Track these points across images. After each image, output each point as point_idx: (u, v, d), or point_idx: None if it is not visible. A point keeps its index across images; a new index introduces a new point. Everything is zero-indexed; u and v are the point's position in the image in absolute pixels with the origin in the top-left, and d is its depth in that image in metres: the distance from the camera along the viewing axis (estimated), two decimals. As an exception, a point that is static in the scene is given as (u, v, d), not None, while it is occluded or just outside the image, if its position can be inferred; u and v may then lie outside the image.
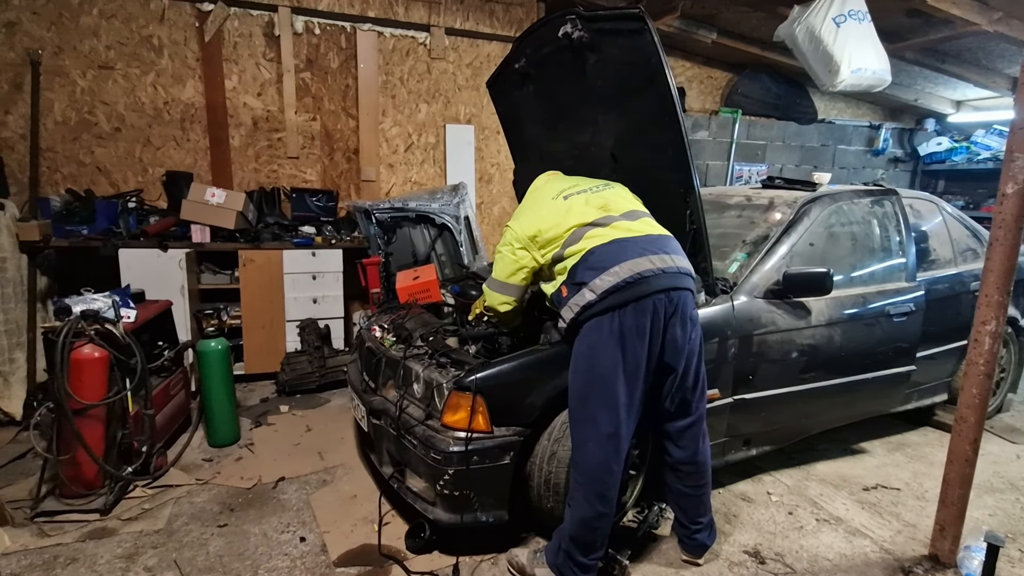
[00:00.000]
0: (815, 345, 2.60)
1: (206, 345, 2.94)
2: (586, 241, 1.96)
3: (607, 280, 1.86)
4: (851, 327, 2.69)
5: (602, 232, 1.97)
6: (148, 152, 4.09)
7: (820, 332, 2.61)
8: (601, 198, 2.09)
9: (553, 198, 2.10)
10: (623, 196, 2.18)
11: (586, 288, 1.89)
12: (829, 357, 2.66)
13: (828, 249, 2.75)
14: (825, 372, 2.67)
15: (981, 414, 2.00)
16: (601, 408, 1.86)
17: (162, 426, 2.85)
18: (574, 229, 1.99)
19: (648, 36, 2.09)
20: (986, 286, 1.95)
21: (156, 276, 3.53)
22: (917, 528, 2.43)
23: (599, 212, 2.03)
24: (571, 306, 1.94)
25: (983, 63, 5.10)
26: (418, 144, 4.81)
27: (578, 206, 2.05)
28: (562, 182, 2.24)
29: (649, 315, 1.85)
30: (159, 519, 2.38)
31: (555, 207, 2.07)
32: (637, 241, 1.95)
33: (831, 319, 2.63)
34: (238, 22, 4.13)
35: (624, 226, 1.99)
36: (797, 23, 3.74)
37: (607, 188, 2.17)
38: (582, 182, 2.21)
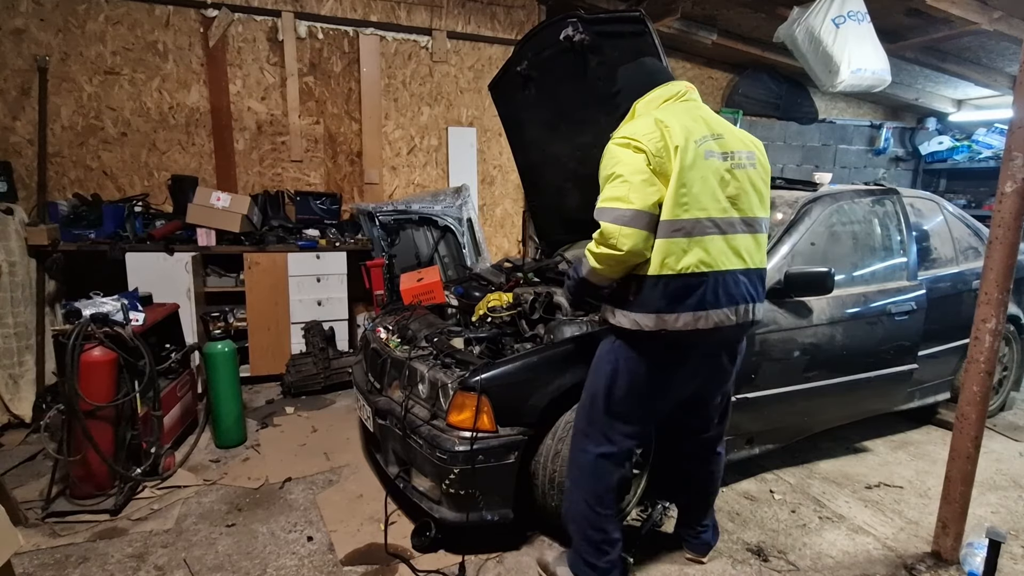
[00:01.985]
0: (817, 344, 2.62)
1: (213, 347, 2.97)
2: (691, 254, 1.62)
3: (682, 321, 1.64)
4: (853, 326, 2.70)
5: (711, 247, 1.64)
6: (154, 156, 4.12)
7: (822, 331, 2.62)
8: (741, 180, 1.69)
9: (696, 143, 1.64)
10: (759, 187, 1.76)
11: (649, 315, 1.66)
12: (831, 356, 2.67)
13: (829, 248, 2.76)
14: (827, 371, 2.69)
15: (982, 411, 2.02)
16: (609, 427, 1.81)
17: (170, 427, 2.88)
18: (693, 219, 1.62)
19: (649, 38, 2.11)
20: (986, 284, 1.97)
21: (163, 279, 3.56)
22: (920, 525, 2.44)
23: (725, 205, 1.67)
24: (624, 314, 1.72)
25: (984, 62, 5.11)
26: (420, 147, 4.84)
27: (711, 179, 1.65)
28: (700, 122, 1.70)
29: (704, 361, 1.79)
30: (168, 519, 2.41)
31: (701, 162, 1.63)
32: (738, 280, 1.70)
33: (833, 318, 2.64)
34: (242, 27, 4.17)
35: (737, 246, 1.69)
36: (797, 24, 3.76)
37: (749, 161, 1.73)
38: (726, 132, 1.73)
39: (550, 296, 2.69)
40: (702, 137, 1.66)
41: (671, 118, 1.66)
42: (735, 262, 1.70)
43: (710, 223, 1.65)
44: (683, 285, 1.64)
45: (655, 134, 1.63)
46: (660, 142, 1.62)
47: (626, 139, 1.66)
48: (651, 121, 1.66)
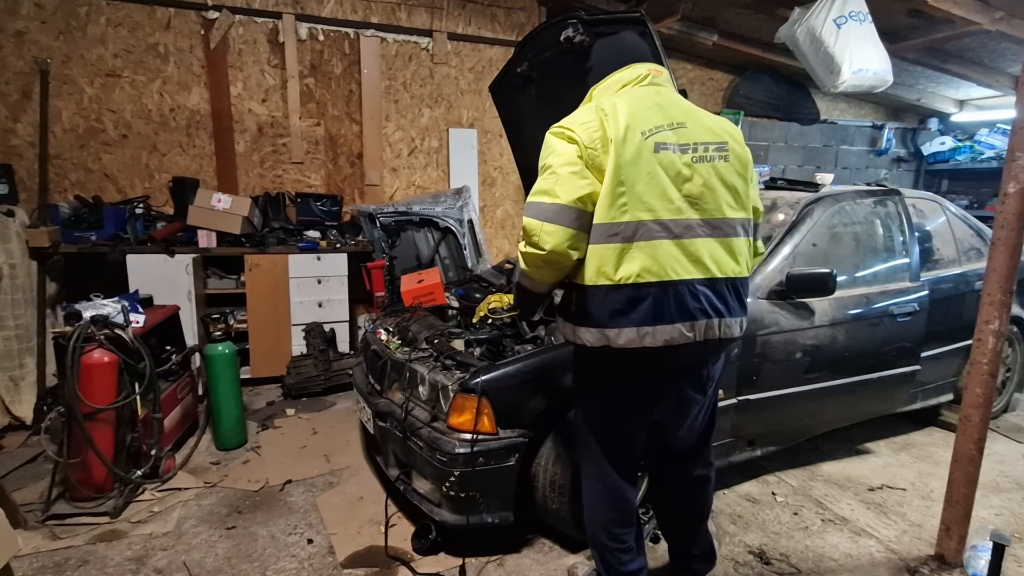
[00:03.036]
0: (819, 345, 2.61)
1: (213, 349, 2.97)
2: (632, 262, 1.43)
3: (624, 338, 1.45)
4: (855, 327, 2.69)
5: (658, 253, 1.43)
6: (155, 158, 4.13)
7: (824, 332, 2.61)
8: (705, 175, 1.47)
9: (643, 135, 1.44)
10: (732, 182, 1.52)
11: (591, 329, 1.48)
12: (833, 357, 2.66)
13: (831, 249, 2.76)
14: (829, 372, 2.68)
15: (986, 413, 2.01)
16: (595, 456, 1.67)
17: (170, 429, 2.88)
18: (635, 222, 1.43)
19: (649, 39, 2.10)
20: (989, 285, 1.95)
21: (163, 281, 3.56)
22: (923, 528, 2.43)
23: (680, 205, 1.45)
24: (571, 329, 1.56)
25: (985, 62, 5.10)
26: (421, 148, 4.84)
27: (661, 175, 1.44)
28: (656, 110, 1.50)
29: (662, 385, 1.58)
30: (168, 521, 2.40)
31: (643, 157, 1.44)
32: (697, 293, 1.46)
33: (835, 319, 2.63)
34: (243, 29, 4.17)
35: (698, 252, 1.46)
36: (798, 25, 3.75)
37: (719, 153, 1.50)
38: (691, 121, 1.51)
39: (551, 297, 2.68)
40: (654, 128, 1.45)
41: (620, 106, 1.47)
42: (692, 271, 1.46)
43: (657, 226, 1.43)
44: (624, 297, 1.43)
45: (593, 123, 1.46)
46: (597, 132, 1.44)
47: (561, 128, 1.51)
48: (593, 108, 1.50)
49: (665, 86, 1.62)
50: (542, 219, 1.44)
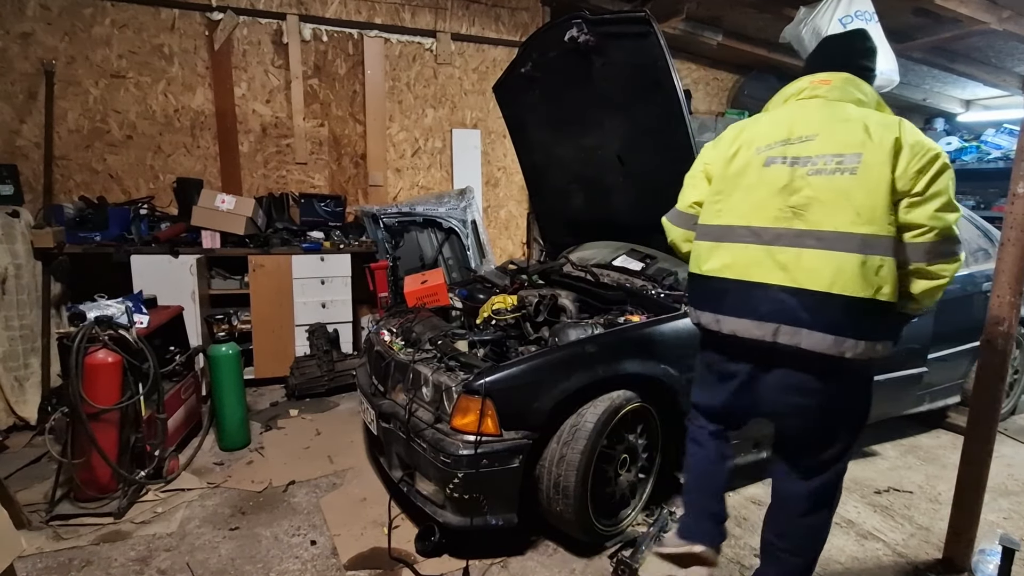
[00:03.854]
0: None
1: (217, 350, 2.97)
2: (715, 258, 1.60)
3: (704, 318, 1.65)
4: None
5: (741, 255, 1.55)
6: (159, 159, 4.14)
7: None
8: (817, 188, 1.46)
9: (757, 150, 1.58)
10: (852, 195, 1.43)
11: (689, 306, 1.77)
12: None
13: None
14: None
15: (994, 416, 1.99)
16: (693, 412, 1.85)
17: (174, 430, 2.88)
18: (726, 226, 1.59)
19: (654, 39, 2.10)
20: (998, 287, 1.94)
21: (167, 282, 3.57)
22: (931, 531, 2.40)
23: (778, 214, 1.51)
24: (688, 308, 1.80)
25: (993, 62, 5.06)
26: (425, 149, 4.84)
27: (761, 189, 1.54)
28: (784, 125, 1.57)
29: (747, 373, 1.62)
30: (172, 522, 2.40)
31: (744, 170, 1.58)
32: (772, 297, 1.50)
33: None
34: (247, 30, 4.18)
35: (784, 260, 1.48)
36: (803, 24, 3.73)
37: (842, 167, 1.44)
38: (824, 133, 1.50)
39: (555, 298, 2.68)
40: (771, 143, 1.56)
41: (752, 122, 1.67)
42: (775, 277, 1.50)
43: (747, 231, 1.55)
44: (707, 287, 1.65)
45: (725, 139, 1.68)
46: (715, 148, 1.69)
47: (706, 146, 1.76)
48: (731, 127, 1.71)
49: (822, 96, 1.60)
50: (666, 218, 1.84)
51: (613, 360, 2.18)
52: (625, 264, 2.98)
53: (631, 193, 2.79)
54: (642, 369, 2.21)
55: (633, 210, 2.85)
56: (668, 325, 2.32)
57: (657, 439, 2.37)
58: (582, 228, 3.40)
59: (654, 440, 2.37)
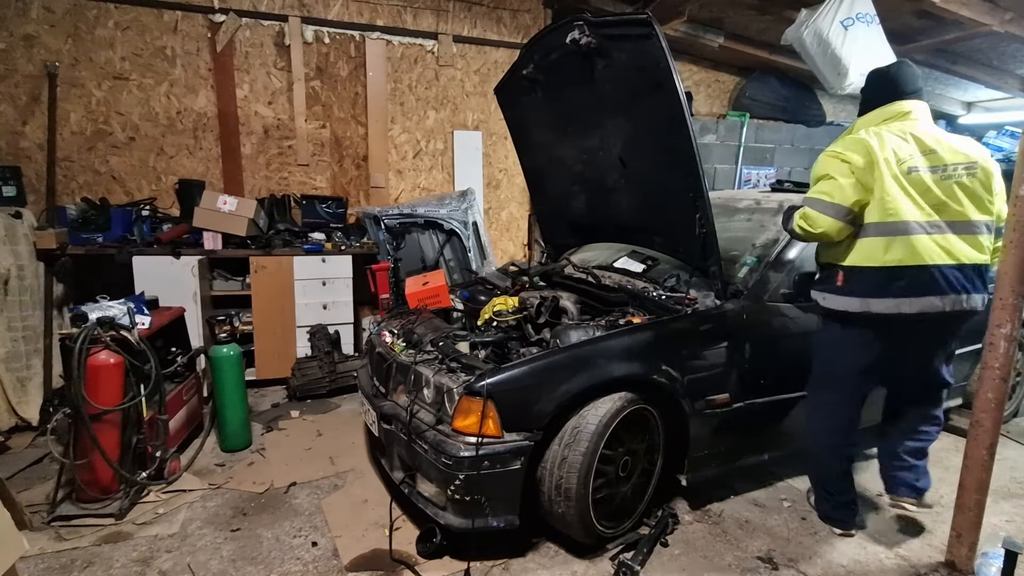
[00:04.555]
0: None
1: (218, 351, 2.97)
2: (894, 250, 1.97)
3: (884, 305, 2.01)
4: None
5: (917, 245, 1.97)
6: (161, 161, 4.15)
7: None
8: (950, 190, 1.99)
9: (899, 162, 2.00)
10: (977, 192, 2.03)
11: (855, 299, 2.05)
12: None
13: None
14: None
15: (997, 418, 1.99)
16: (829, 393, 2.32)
17: (176, 431, 2.88)
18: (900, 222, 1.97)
19: (656, 41, 2.10)
20: (1000, 289, 1.93)
21: (169, 283, 3.57)
22: (933, 534, 2.40)
23: (929, 211, 1.98)
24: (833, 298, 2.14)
25: (994, 64, 5.06)
26: (426, 150, 4.85)
27: (912, 191, 1.99)
28: (913, 141, 2.03)
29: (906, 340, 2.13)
30: (173, 523, 2.40)
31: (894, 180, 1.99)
32: (946, 274, 1.98)
33: None
34: (249, 32, 4.19)
35: (949, 245, 1.98)
36: (805, 26, 3.73)
37: (968, 171, 2.01)
38: (940, 147, 2.02)
39: (556, 300, 2.68)
40: (909, 155, 2.00)
41: (885, 138, 2.02)
42: (945, 258, 1.98)
43: (917, 225, 1.97)
44: (886, 276, 1.99)
45: (861, 151, 2.01)
46: (866, 158, 1.99)
47: (835, 154, 2.07)
48: (859, 141, 2.04)
49: (921, 119, 2.10)
50: (819, 211, 2.06)
51: (614, 362, 2.18)
52: (626, 266, 2.98)
53: (632, 195, 2.79)
54: (643, 371, 2.20)
55: (635, 212, 2.84)
56: (670, 327, 2.32)
57: (658, 441, 2.37)
58: (583, 230, 3.40)
59: (655, 442, 2.36)
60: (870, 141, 2.01)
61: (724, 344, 2.37)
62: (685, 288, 2.53)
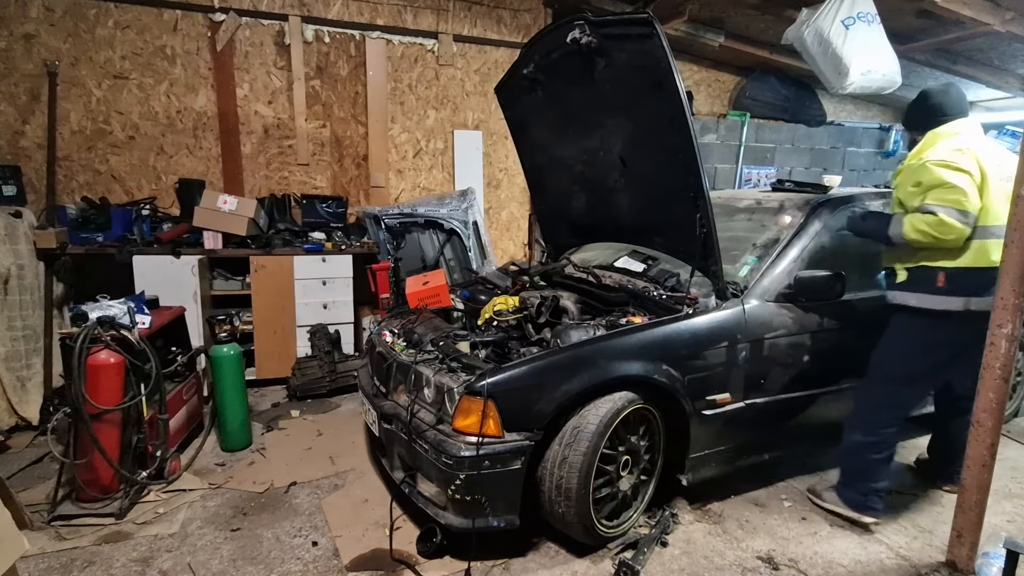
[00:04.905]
0: (828, 350, 2.58)
1: (219, 350, 2.97)
2: (996, 252, 2.07)
3: (985, 304, 2.07)
4: (866, 332, 2.64)
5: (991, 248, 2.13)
6: (161, 160, 4.15)
7: (832, 336, 2.58)
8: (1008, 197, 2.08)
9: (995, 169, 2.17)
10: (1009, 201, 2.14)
11: (959, 298, 2.18)
12: (843, 362, 2.63)
13: (838, 252, 2.70)
14: (840, 377, 2.65)
15: (998, 418, 1.98)
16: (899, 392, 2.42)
17: (176, 431, 2.88)
18: (1000, 226, 2.07)
19: (657, 40, 2.09)
20: (1001, 288, 1.93)
21: (169, 282, 3.57)
22: (933, 534, 2.40)
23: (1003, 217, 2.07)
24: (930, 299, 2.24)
25: (995, 63, 5.05)
26: (427, 150, 4.85)
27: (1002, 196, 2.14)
28: (996, 152, 2.23)
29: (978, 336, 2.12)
30: (173, 523, 2.40)
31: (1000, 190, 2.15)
32: None
33: (844, 323, 2.60)
34: (249, 31, 4.18)
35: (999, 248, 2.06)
36: (805, 26, 3.73)
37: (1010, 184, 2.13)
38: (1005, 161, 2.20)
39: (556, 300, 2.67)
40: (998, 164, 2.18)
41: (980, 149, 2.17)
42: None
43: (1000, 229, 2.09)
44: (992, 276, 2.05)
45: (972, 161, 2.14)
46: (977, 167, 2.14)
47: (946, 163, 2.16)
48: (964, 151, 2.16)
49: (981, 133, 2.31)
50: (954, 219, 2.13)
51: (615, 362, 2.17)
52: (627, 265, 2.97)
53: (633, 195, 2.79)
54: (644, 371, 2.20)
55: (635, 212, 2.84)
56: (670, 327, 2.32)
57: (659, 441, 2.37)
58: (584, 229, 3.39)
59: (656, 442, 2.36)
60: (975, 151, 2.17)
61: (724, 344, 2.37)
62: (686, 288, 2.52)
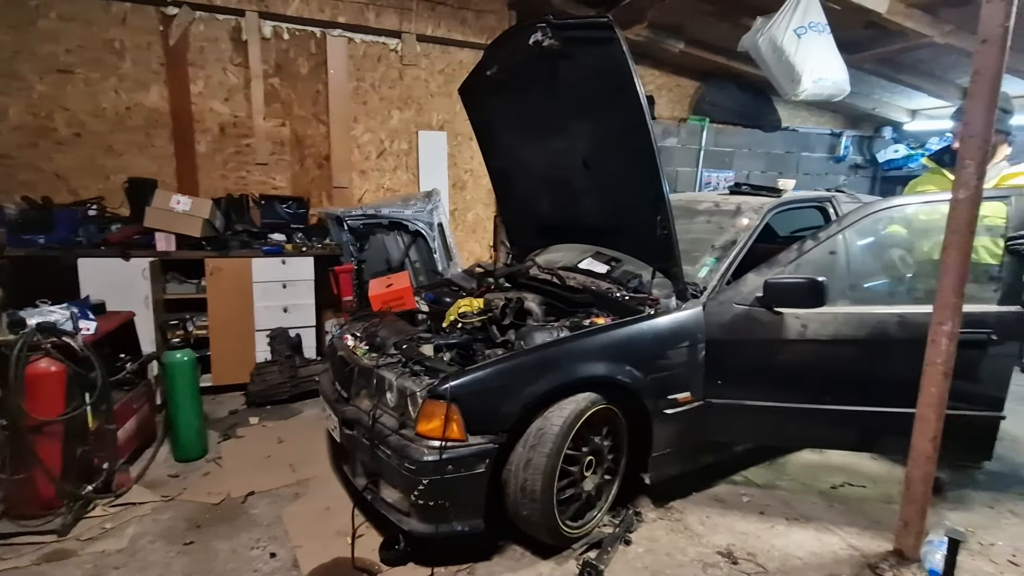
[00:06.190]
0: (802, 361, 2.50)
1: (171, 356, 2.86)
2: None
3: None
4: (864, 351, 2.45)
5: None
6: (110, 159, 3.97)
7: (813, 348, 2.45)
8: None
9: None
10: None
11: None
12: (818, 376, 2.50)
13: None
14: (811, 391, 2.50)
15: (941, 412, 2.07)
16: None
17: (125, 441, 2.75)
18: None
19: (617, 44, 2.12)
20: (942, 288, 2.02)
21: (119, 286, 3.41)
22: (883, 524, 2.49)
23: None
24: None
25: (936, 73, 5.33)
26: (391, 150, 4.78)
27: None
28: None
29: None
30: (122, 538, 2.29)
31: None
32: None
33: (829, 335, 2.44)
34: (204, 26, 4.05)
35: None
36: (760, 34, 3.84)
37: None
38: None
39: (521, 301, 2.68)
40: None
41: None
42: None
43: None
44: None
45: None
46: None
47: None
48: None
49: None
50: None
51: (578, 363, 2.19)
52: (591, 267, 3.00)
53: (596, 197, 2.81)
54: (607, 371, 2.22)
55: (599, 214, 2.87)
56: (633, 327, 2.35)
57: (622, 440, 2.39)
58: (549, 231, 3.41)
59: (619, 441, 2.39)
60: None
61: (686, 344, 2.41)
62: (647, 289, 2.56)
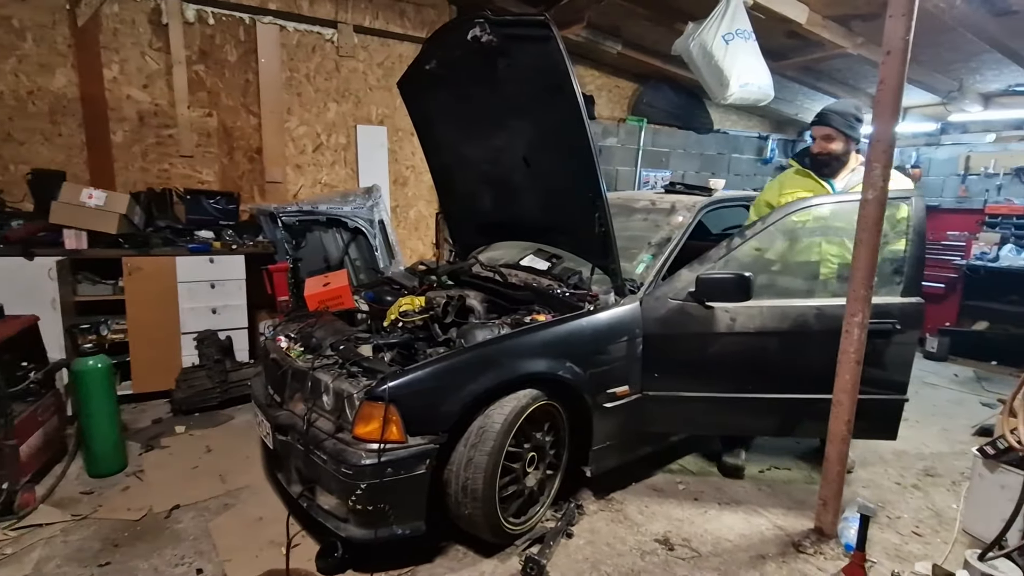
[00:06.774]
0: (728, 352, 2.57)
1: (83, 364, 2.63)
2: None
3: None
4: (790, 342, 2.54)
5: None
6: (9, 148, 3.61)
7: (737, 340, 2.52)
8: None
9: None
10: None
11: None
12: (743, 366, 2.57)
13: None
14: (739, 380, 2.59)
15: (854, 397, 2.23)
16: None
17: (29, 458, 2.51)
18: None
19: (554, 43, 2.13)
20: (853, 282, 2.17)
21: (20, 288, 3.11)
22: (805, 504, 2.65)
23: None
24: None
25: (851, 82, 5.72)
26: (328, 145, 4.62)
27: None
28: None
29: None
30: (25, 563, 2.09)
31: None
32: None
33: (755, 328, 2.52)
34: (118, 7, 3.76)
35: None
36: (691, 39, 3.99)
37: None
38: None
39: (463, 299, 2.65)
40: None
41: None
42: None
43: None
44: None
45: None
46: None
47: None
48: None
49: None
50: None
51: (519, 360, 2.19)
52: (532, 264, 3.02)
53: (537, 194, 2.83)
54: (548, 368, 2.24)
55: (539, 211, 2.89)
56: (573, 324, 2.38)
57: (564, 435, 2.42)
58: (491, 228, 3.40)
59: (561, 436, 2.42)
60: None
61: (624, 339, 2.47)
62: (587, 285, 2.60)
